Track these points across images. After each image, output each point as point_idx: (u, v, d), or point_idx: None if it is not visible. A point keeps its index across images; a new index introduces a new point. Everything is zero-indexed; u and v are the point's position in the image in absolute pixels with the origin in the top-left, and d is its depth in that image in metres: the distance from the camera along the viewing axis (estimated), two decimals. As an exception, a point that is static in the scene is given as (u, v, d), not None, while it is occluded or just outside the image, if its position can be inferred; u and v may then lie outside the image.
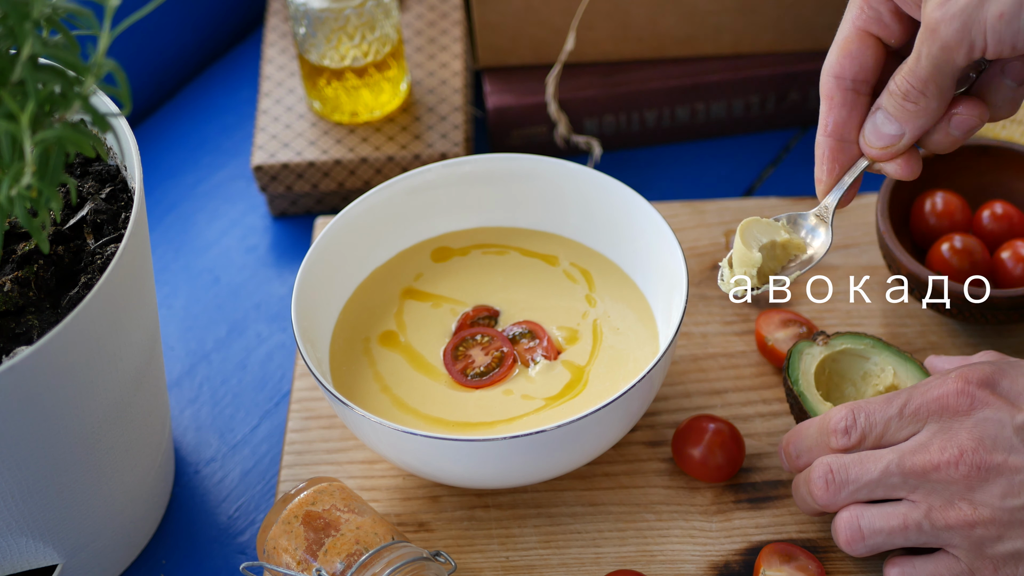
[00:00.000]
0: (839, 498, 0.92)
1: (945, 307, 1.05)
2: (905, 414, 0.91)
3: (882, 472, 0.91)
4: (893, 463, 0.90)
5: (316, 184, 1.22)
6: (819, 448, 0.94)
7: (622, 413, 0.96)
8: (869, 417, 0.92)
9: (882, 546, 0.92)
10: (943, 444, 0.89)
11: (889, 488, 0.91)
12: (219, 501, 1.07)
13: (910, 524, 0.90)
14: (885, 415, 0.92)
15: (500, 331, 1.04)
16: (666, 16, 1.22)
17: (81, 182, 0.96)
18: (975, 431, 0.89)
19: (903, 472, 0.90)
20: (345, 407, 0.95)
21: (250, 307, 1.19)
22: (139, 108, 1.35)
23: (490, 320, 1.05)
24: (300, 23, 1.19)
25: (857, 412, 0.93)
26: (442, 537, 1.01)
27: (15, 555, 0.93)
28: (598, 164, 1.24)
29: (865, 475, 0.91)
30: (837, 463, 0.92)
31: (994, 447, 0.89)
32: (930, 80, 0.86)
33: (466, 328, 1.05)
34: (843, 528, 0.92)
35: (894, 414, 0.92)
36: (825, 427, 0.94)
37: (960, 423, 0.90)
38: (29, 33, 0.76)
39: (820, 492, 0.93)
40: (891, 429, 0.92)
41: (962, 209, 1.10)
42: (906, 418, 0.91)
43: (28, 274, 0.90)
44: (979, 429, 0.89)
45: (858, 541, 0.92)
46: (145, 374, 0.95)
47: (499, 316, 1.06)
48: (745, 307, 1.11)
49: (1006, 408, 0.89)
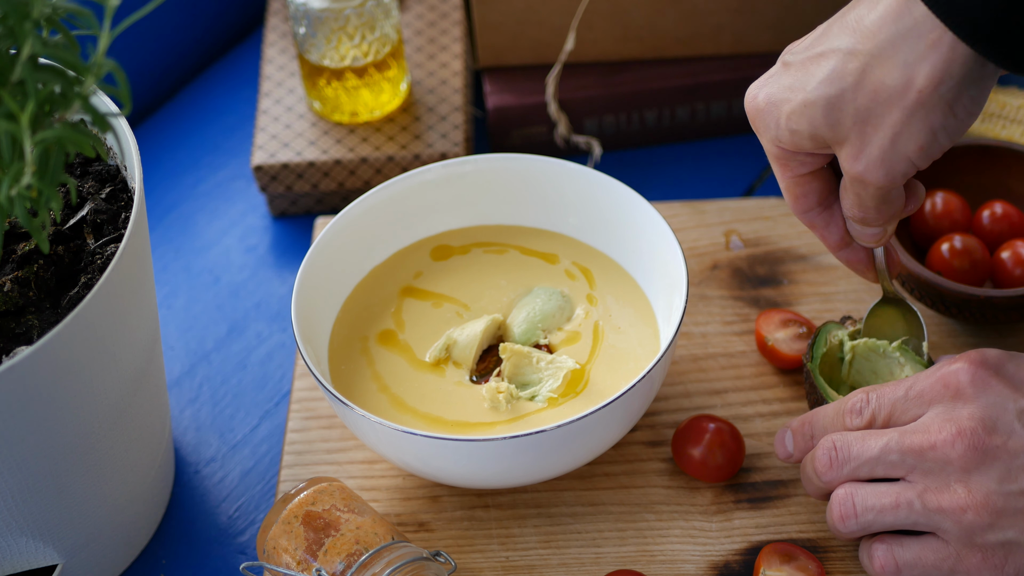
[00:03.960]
0: (841, 474, 0.93)
1: (945, 307, 1.05)
2: (910, 396, 0.92)
3: (881, 449, 0.91)
4: (893, 441, 0.91)
5: (316, 184, 1.22)
6: (834, 428, 0.95)
7: (622, 413, 0.96)
8: (880, 398, 0.93)
9: (873, 524, 0.92)
10: (942, 424, 0.90)
11: (888, 466, 0.91)
12: (219, 501, 1.07)
13: (902, 503, 0.90)
14: (893, 396, 0.93)
15: None
16: (666, 16, 1.22)
17: (81, 182, 0.96)
18: (976, 412, 0.89)
19: (901, 450, 0.90)
20: (345, 407, 0.95)
21: (250, 307, 1.19)
22: (139, 108, 1.35)
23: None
24: (300, 23, 1.19)
25: (870, 394, 0.94)
26: (442, 537, 1.01)
27: (15, 555, 0.93)
28: (598, 164, 1.24)
29: (866, 452, 0.92)
30: (841, 440, 0.93)
31: (994, 429, 0.89)
32: (880, 204, 0.92)
33: None
34: (837, 504, 0.93)
35: (900, 396, 0.92)
36: (842, 408, 0.95)
37: (962, 405, 0.90)
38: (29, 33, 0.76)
39: (823, 467, 0.93)
40: (897, 410, 0.92)
41: (962, 209, 1.10)
42: (911, 400, 0.92)
43: (28, 274, 0.90)
44: (981, 411, 0.89)
45: (850, 517, 0.92)
46: (145, 374, 0.95)
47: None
48: (745, 307, 1.11)
49: (1009, 392, 0.90)
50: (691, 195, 1.23)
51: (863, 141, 0.88)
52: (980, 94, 0.86)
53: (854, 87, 0.87)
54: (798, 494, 1.01)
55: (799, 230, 1.15)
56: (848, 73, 0.87)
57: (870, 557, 0.92)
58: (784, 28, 1.22)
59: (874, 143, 0.87)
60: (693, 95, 1.25)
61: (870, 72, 0.86)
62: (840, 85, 0.87)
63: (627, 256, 1.07)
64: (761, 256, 1.14)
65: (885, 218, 0.93)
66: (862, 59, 0.86)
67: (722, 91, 1.25)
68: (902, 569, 0.91)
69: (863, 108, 0.87)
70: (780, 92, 0.91)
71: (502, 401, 1.00)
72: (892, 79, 0.85)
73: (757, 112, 0.92)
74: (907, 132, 0.86)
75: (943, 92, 0.85)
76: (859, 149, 0.88)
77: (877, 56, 0.86)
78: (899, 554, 0.91)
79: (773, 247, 1.15)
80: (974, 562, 0.89)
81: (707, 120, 1.27)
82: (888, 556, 0.91)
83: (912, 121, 0.86)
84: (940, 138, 0.86)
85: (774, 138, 0.92)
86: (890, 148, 0.87)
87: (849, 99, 0.87)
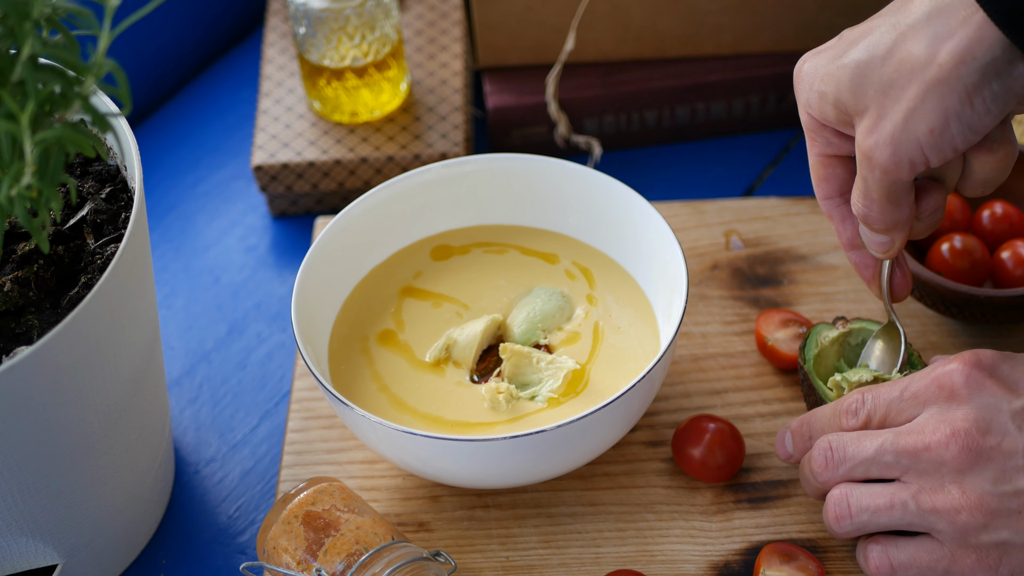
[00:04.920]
0: (836, 475, 0.93)
1: (945, 307, 1.05)
2: (905, 397, 0.92)
3: (876, 450, 0.91)
4: (888, 441, 0.91)
5: (316, 184, 1.22)
6: (831, 428, 0.95)
7: (622, 413, 0.96)
8: (875, 399, 0.93)
9: (868, 525, 0.92)
10: (936, 425, 0.90)
11: (883, 467, 0.91)
12: (219, 501, 1.07)
13: (896, 503, 0.90)
14: (888, 397, 0.93)
15: None
16: (666, 16, 1.22)
17: (81, 182, 0.96)
18: (971, 414, 0.89)
19: (896, 451, 0.90)
20: (345, 407, 0.95)
21: (250, 307, 1.19)
22: (139, 108, 1.35)
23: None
24: (300, 23, 1.19)
25: (866, 395, 0.94)
26: (442, 537, 1.01)
27: (15, 555, 0.93)
28: (598, 164, 1.24)
29: (861, 452, 0.92)
30: (837, 440, 0.93)
31: (988, 430, 0.89)
32: (884, 200, 0.91)
33: None
34: (832, 504, 0.93)
35: (896, 396, 0.92)
36: (838, 409, 0.95)
37: (957, 406, 0.90)
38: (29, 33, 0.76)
39: (819, 468, 0.93)
40: (893, 411, 0.92)
41: (962, 209, 1.10)
42: (906, 400, 0.92)
43: (28, 274, 0.90)
44: (975, 412, 0.89)
45: (845, 518, 0.92)
46: (145, 374, 0.95)
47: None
48: (745, 307, 1.11)
49: (1004, 393, 0.90)
50: (691, 195, 1.23)
51: (880, 114, 0.88)
52: (1003, 92, 0.85)
53: (884, 56, 0.87)
54: (798, 494, 1.01)
55: (799, 230, 1.15)
56: (882, 43, 0.88)
57: (865, 558, 0.93)
58: (784, 28, 1.22)
59: (889, 117, 0.87)
60: (693, 95, 1.25)
61: (902, 42, 0.87)
62: (872, 52, 0.88)
63: (627, 256, 1.07)
64: (761, 256, 1.14)
65: (890, 222, 0.93)
66: (899, 30, 0.87)
67: (722, 91, 1.25)
68: (897, 570, 0.91)
69: (887, 77, 0.87)
70: (822, 60, 0.91)
71: (502, 401, 1.00)
72: (919, 49, 0.86)
73: (798, 76, 0.93)
74: (921, 110, 0.86)
75: (963, 73, 0.84)
76: (875, 122, 0.88)
77: (912, 27, 0.86)
78: (894, 555, 0.91)
79: (773, 247, 1.15)
80: (968, 563, 0.89)
81: (707, 120, 1.27)
82: (883, 557, 0.92)
83: (928, 98, 0.85)
84: (953, 126, 0.86)
85: (805, 102, 0.92)
86: (903, 125, 0.87)
87: (877, 66, 0.87)
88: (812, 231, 1.15)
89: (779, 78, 1.24)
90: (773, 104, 1.26)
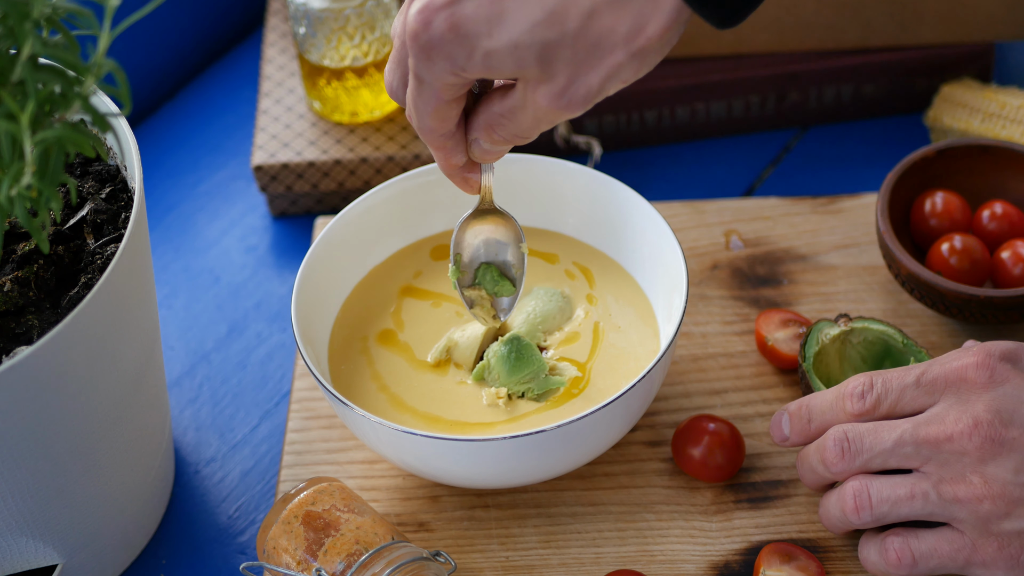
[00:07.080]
0: (852, 466, 0.92)
1: (945, 307, 1.05)
2: (922, 383, 0.91)
3: (896, 441, 0.91)
4: (907, 432, 0.90)
5: (316, 184, 1.22)
6: (833, 412, 0.94)
7: (622, 413, 0.96)
8: (886, 384, 0.93)
9: (887, 516, 0.91)
10: (958, 415, 0.89)
11: (902, 458, 0.91)
12: (219, 501, 1.07)
13: (917, 493, 0.90)
14: (902, 383, 0.92)
15: None
16: (666, 16, 1.22)
17: (81, 182, 0.96)
18: (992, 404, 0.89)
19: (916, 442, 0.90)
20: (344, 407, 0.95)
21: (250, 307, 1.19)
22: (139, 108, 1.35)
23: None
24: (300, 23, 1.19)
25: (875, 378, 0.93)
26: (442, 537, 1.01)
27: (15, 555, 0.93)
28: (598, 164, 1.24)
29: (879, 444, 0.91)
30: (853, 431, 0.92)
31: (1010, 421, 0.89)
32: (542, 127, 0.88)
33: None
34: (851, 496, 0.92)
35: (911, 383, 0.92)
36: (842, 392, 0.94)
37: (977, 396, 0.90)
38: (29, 33, 0.76)
39: (834, 459, 0.93)
40: (906, 397, 0.92)
41: (962, 209, 1.10)
42: (923, 388, 0.91)
43: (28, 274, 0.90)
44: (996, 402, 0.89)
45: (865, 509, 0.91)
46: (145, 374, 0.95)
47: None
48: (745, 307, 1.11)
49: None
50: (691, 195, 1.23)
51: (571, 81, 0.83)
52: None
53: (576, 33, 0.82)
54: (798, 494, 1.01)
55: (799, 230, 1.15)
56: (571, 18, 0.82)
57: (884, 550, 0.92)
58: (784, 28, 1.22)
59: (582, 83, 0.83)
60: (693, 95, 1.25)
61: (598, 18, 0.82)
62: (561, 30, 0.82)
63: (627, 256, 1.07)
64: (761, 256, 1.14)
65: None
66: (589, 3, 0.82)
67: (722, 91, 1.24)
68: (918, 561, 0.91)
69: (582, 52, 0.82)
70: (471, 24, 0.82)
71: (500, 405, 1.00)
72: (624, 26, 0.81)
73: (434, 41, 0.83)
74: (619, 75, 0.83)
75: None
76: (565, 88, 0.83)
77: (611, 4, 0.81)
78: (915, 546, 0.91)
79: (773, 247, 1.15)
80: (990, 552, 0.89)
81: (707, 120, 1.27)
82: (904, 548, 0.91)
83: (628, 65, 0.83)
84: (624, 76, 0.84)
85: (459, 69, 0.84)
86: (597, 88, 0.83)
87: (568, 44, 0.82)
88: (812, 231, 1.15)
89: (779, 78, 1.24)
90: (773, 104, 1.26)
